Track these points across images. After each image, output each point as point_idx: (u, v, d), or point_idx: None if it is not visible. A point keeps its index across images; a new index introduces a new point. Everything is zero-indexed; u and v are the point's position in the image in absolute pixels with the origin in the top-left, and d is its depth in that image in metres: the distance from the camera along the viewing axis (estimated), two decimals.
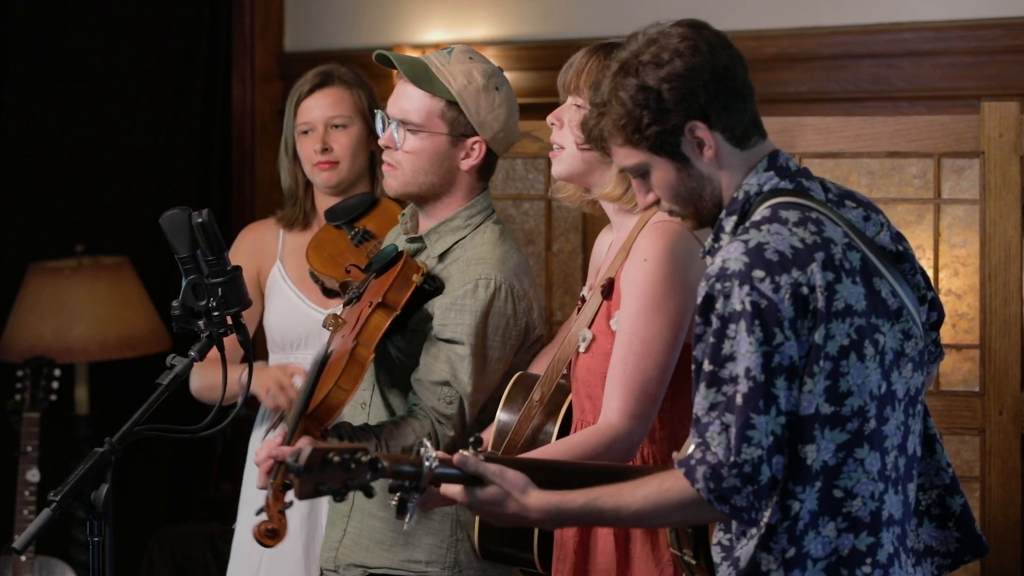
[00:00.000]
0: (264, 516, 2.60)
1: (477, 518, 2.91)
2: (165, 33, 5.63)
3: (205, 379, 3.63)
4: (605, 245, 2.99)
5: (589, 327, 2.84)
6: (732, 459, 2.28)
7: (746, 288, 2.29)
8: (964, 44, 4.64)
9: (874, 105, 4.71)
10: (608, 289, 2.81)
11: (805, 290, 2.30)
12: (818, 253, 2.33)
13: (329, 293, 3.54)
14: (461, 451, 2.39)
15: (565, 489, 2.40)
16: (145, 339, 5.12)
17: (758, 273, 2.30)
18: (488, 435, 2.96)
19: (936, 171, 3.90)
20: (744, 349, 2.29)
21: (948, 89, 4.67)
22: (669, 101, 2.39)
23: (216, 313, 2.68)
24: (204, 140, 5.66)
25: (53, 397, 4.87)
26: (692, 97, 2.39)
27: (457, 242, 3.10)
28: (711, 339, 2.33)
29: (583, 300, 2.93)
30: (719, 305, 2.31)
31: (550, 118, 2.90)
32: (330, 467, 2.26)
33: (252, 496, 3.76)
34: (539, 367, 3.03)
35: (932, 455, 2.54)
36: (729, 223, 2.44)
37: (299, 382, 3.41)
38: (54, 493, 2.53)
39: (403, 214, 3.23)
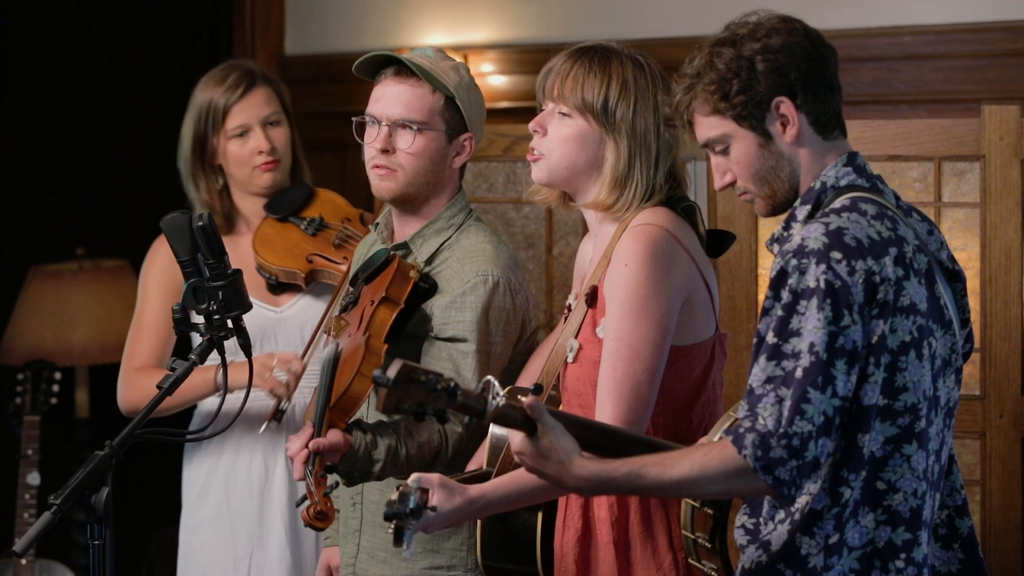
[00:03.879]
0: (307, 503, 2.77)
1: (478, 538, 2.90)
2: (166, 37, 5.63)
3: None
4: (588, 253, 2.97)
5: (575, 337, 2.82)
6: (782, 430, 2.30)
7: (823, 267, 2.32)
8: (964, 47, 4.65)
9: (874, 108, 4.71)
10: (592, 297, 2.79)
11: (877, 279, 2.34)
12: (892, 248, 2.37)
13: (276, 288, 3.50)
14: (532, 396, 2.39)
15: (605, 451, 2.43)
16: None
17: (836, 254, 2.33)
18: (482, 451, 2.96)
19: (936, 174, 3.90)
20: (811, 325, 2.31)
21: (948, 92, 4.67)
22: (760, 72, 2.44)
23: (216, 316, 2.68)
24: None
25: (54, 400, 4.87)
26: (783, 72, 2.44)
27: (443, 244, 3.08)
28: (779, 312, 2.35)
29: (569, 309, 2.92)
30: (793, 280, 2.34)
31: (532, 125, 2.86)
32: (415, 385, 2.27)
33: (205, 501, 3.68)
34: (527, 378, 3.02)
35: (949, 475, 2.56)
36: (802, 212, 2.48)
37: (283, 371, 3.33)
38: (55, 496, 2.53)
39: (376, 223, 3.20)
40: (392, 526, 2.40)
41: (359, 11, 5.58)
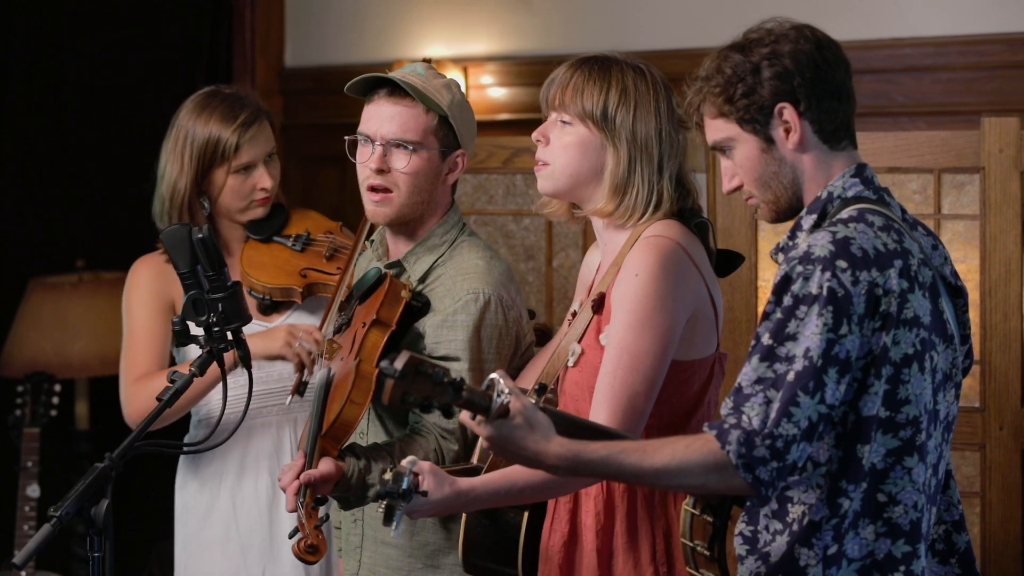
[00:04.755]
0: (299, 536, 2.79)
1: (462, 534, 2.91)
2: (166, 49, 5.64)
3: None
4: (594, 262, 2.98)
5: (579, 342, 2.83)
6: (767, 430, 2.30)
7: (827, 274, 2.33)
8: (964, 59, 4.65)
9: (874, 120, 4.71)
10: (599, 304, 2.80)
11: (880, 291, 2.35)
12: (897, 260, 2.38)
13: (267, 309, 3.50)
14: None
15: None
16: None
17: (841, 263, 2.34)
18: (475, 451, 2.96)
19: (936, 186, 3.91)
20: (809, 331, 2.31)
21: (948, 104, 4.68)
22: (765, 76, 2.46)
23: (216, 328, 2.69)
24: None
25: (53, 412, 4.87)
26: (787, 77, 2.45)
27: (436, 261, 3.08)
28: (778, 316, 2.35)
29: (573, 315, 2.93)
30: (796, 286, 2.34)
31: (535, 135, 2.88)
32: (421, 377, 2.28)
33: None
34: (526, 381, 3.03)
35: (946, 490, 2.56)
36: (808, 221, 2.48)
37: (308, 341, 3.29)
38: (54, 508, 2.53)
39: (371, 240, 3.20)
40: (383, 505, 2.43)
41: (359, 23, 5.59)
